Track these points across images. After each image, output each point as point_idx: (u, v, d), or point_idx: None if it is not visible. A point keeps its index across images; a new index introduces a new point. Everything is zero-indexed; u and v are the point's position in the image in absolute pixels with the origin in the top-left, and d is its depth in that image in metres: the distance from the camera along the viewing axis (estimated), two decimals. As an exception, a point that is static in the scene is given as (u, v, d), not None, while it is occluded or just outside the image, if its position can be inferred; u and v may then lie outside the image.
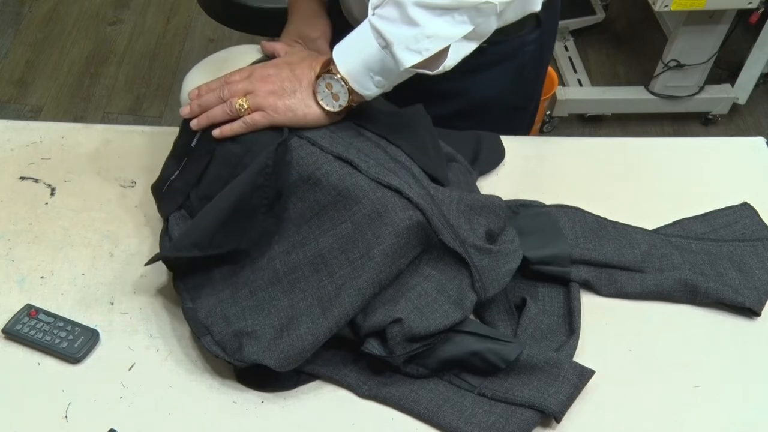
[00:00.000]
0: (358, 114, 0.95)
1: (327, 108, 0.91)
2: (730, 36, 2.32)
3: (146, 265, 0.93)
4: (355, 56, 0.88)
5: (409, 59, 0.85)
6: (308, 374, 0.89)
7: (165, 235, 0.96)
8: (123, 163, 1.11)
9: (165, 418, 0.85)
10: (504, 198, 1.01)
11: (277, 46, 1.01)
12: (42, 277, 0.97)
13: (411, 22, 0.84)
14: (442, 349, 0.87)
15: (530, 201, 1.07)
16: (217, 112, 0.92)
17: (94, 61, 2.65)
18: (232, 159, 0.92)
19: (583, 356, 0.91)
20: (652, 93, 2.45)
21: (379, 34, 0.86)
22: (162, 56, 2.69)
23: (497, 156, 1.14)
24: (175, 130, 0.99)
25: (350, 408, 0.87)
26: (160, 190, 0.99)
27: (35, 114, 2.45)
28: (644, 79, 2.53)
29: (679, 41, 2.31)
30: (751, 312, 0.97)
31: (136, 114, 2.48)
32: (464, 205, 0.92)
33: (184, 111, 0.95)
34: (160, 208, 1.00)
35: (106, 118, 2.45)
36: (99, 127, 1.17)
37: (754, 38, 2.33)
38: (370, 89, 0.90)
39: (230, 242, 0.90)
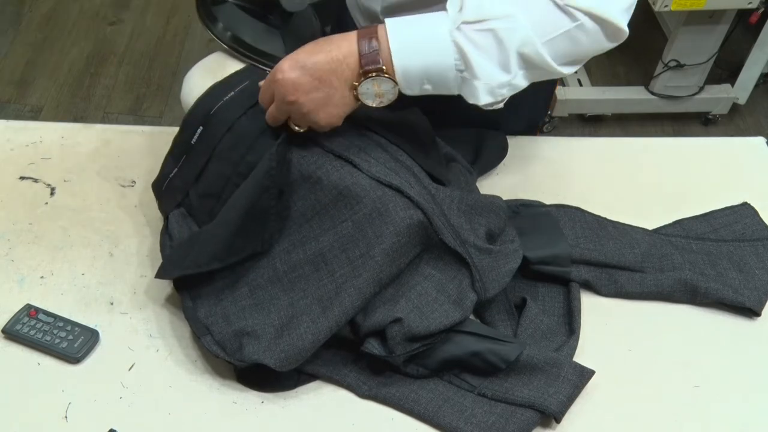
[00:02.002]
0: (358, 113, 0.94)
1: (366, 103, 0.84)
2: (730, 36, 2.32)
3: (157, 278, 0.91)
4: (419, 62, 0.80)
5: (485, 99, 0.82)
6: (308, 374, 0.89)
7: (165, 233, 0.96)
8: (123, 163, 1.11)
9: (165, 418, 0.85)
10: (504, 198, 1.01)
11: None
12: (42, 277, 0.97)
13: (506, 67, 0.80)
14: (442, 349, 0.87)
15: (530, 201, 1.07)
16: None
17: (94, 61, 2.65)
18: (234, 157, 0.92)
19: (583, 356, 0.91)
20: (652, 93, 2.46)
21: (463, 59, 0.79)
22: (162, 56, 2.69)
23: (500, 154, 1.14)
24: (175, 130, 0.98)
25: (350, 408, 0.87)
26: (160, 187, 0.99)
27: (35, 114, 2.45)
28: (644, 79, 2.54)
29: (679, 41, 2.31)
30: (751, 312, 0.97)
31: (136, 114, 2.48)
32: (465, 205, 0.92)
33: None
34: (160, 206, 1.00)
35: (106, 118, 2.45)
36: (99, 127, 1.17)
37: (754, 38, 2.33)
38: (413, 91, 0.84)
39: (247, 248, 0.89)
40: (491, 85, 0.81)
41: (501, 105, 0.84)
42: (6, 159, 1.11)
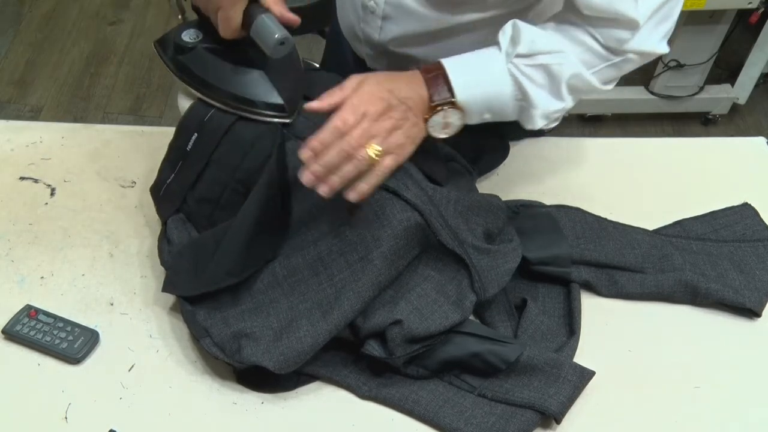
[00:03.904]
0: None
1: (433, 134, 0.88)
2: (730, 36, 2.32)
3: (163, 291, 0.91)
4: (481, 96, 0.87)
5: (541, 123, 0.90)
6: (308, 375, 0.89)
7: (163, 238, 0.96)
8: (123, 163, 1.11)
9: (165, 419, 0.85)
10: (504, 198, 1.01)
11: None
12: (42, 277, 0.97)
13: (559, 96, 0.89)
14: (442, 350, 0.87)
15: (530, 201, 1.07)
16: (350, 171, 0.80)
17: (94, 61, 2.65)
18: (230, 163, 0.91)
19: (583, 357, 0.91)
20: (652, 93, 2.45)
21: (520, 90, 0.87)
22: (162, 56, 2.69)
23: (501, 155, 1.13)
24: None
25: (350, 409, 0.87)
26: (158, 192, 0.99)
27: (35, 114, 2.45)
28: (644, 79, 2.53)
29: (679, 41, 2.31)
30: (751, 312, 0.97)
31: (136, 114, 2.48)
32: (462, 206, 0.92)
33: (308, 179, 0.80)
34: (158, 211, 1.00)
35: (106, 118, 2.44)
36: (99, 127, 1.17)
37: (754, 38, 2.33)
38: (474, 121, 0.90)
39: (260, 259, 0.90)
40: (547, 111, 0.90)
41: (556, 123, 0.93)
42: (6, 159, 1.11)
